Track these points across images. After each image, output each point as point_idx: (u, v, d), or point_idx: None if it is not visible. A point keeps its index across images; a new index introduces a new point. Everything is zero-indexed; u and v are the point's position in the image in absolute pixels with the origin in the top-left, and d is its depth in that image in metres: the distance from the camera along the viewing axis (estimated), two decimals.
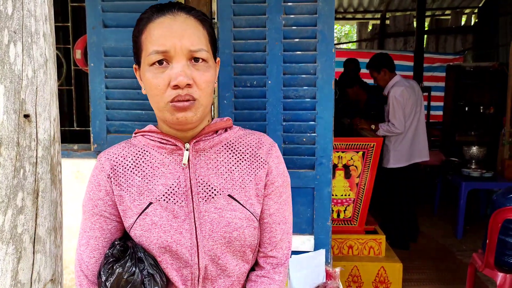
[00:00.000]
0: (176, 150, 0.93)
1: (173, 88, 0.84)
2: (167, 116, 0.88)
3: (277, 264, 1.00)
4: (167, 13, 0.87)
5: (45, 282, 0.64)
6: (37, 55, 0.61)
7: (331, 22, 1.95)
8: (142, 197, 0.90)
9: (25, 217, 0.59)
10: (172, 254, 0.88)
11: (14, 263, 0.59)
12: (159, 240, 0.87)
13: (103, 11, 1.98)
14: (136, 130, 0.99)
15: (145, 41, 0.88)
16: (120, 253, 0.86)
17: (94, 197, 0.92)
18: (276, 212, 0.99)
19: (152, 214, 0.89)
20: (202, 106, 0.89)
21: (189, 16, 0.89)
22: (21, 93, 0.59)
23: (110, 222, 0.93)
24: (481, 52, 7.85)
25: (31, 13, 0.60)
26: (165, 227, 0.88)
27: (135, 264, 0.83)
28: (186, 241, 0.88)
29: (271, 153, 0.99)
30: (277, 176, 0.99)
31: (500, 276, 2.37)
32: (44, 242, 0.63)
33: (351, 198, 3.08)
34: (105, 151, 0.97)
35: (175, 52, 0.85)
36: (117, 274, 0.82)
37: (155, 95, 0.87)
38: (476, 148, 4.37)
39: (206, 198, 0.91)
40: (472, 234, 4.26)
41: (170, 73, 0.85)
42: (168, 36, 0.85)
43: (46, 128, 0.62)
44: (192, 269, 0.89)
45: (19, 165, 0.58)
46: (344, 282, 2.98)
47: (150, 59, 0.86)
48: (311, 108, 1.98)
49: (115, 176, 0.92)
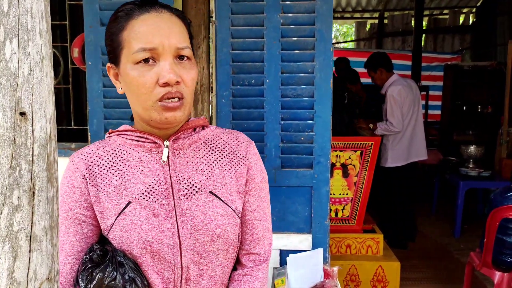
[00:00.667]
0: (155, 147, 0.92)
1: (162, 85, 0.83)
2: (154, 115, 0.86)
3: (259, 261, 1.00)
4: (151, 10, 0.86)
5: (42, 280, 0.63)
6: (33, 52, 0.61)
7: (329, 21, 1.95)
8: (120, 197, 0.88)
9: (21, 215, 0.59)
10: (154, 255, 0.86)
11: (10, 261, 0.59)
12: (139, 240, 0.85)
13: (100, 9, 1.98)
14: (110, 130, 0.97)
15: (128, 38, 0.85)
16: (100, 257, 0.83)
17: (68, 199, 0.89)
18: (257, 209, 0.99)
19: (132, 214, 0.87)
20: (188, 104, 0.88)
21: (172, 14, 0.88)
22: (17, 90, 0.59)
23: (85, 226, 0.90)
24: (479, 51, 7.86)
25: (27, 10, 0.59)
26: (146, 226, 0.86)
27: (115, 269, 0.81)
28: (168, 240, 0.86)
29: (250, 150, 0.99)
30: (257, 173, 0.99)
31: (497, 275, 2.38)
32: (40, 240, 0.62)
33: (349, 197, 3.08)
34: (78, 151, 0.94)
35: (163, 50, 0.84)
36: (98, 280, 0.79)
37: (142, 94, 0.85)
38: (474, 147, 4.38)
39: (187, 196, 0.90)
40: (470, 233, 4.27)
41: (158, 70, 0.83)
42: (155, 34, 0.83)
43: (43, 126, 0.62)
44: (174, 269, 0.88)
45: (15, 163, 0.58)
46: (342, 281, 2.98)
47: (136, 56, 0.84)
48: (309, 107, 1.98)
49: (90, 176, 0.89)
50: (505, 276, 2.35)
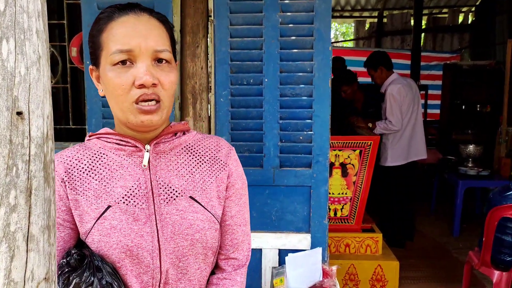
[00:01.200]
0: (136, 151, 0.91)
1: (138, 87, 0.83)
2: (131, 118, 0.85)
3: (238, 265, 1.01)
4: (130, 13, 0.86)
5: (39, 280, 0.63)
6: (30, 52, 0.61)
7: (328, 20, 1.94)
8: (100, 201, 0.87)
9: (18, 215, 0.59)
10: (133, 259, 0.86)
11: (7, 261, 0.58)
12: (119, 245, 0.85)
13: (98, 9, 1.97)
14: (90, 133, 0.96)
15: (106, 40, 0.85)
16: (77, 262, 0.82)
17: None
18: (237, 214, 0.99)
19: (111, 218, 0.86)
20: (166, 108, 0.87)
21: (151, 17, 0.88)
22: (14, 90, 0.59)
23: (63, 230, 0.89)
24: (478, 50, 7.86)
25: (24, 9, 0.59)
26: (125, 230, 0.86)
27: (93, 273, 0.80)
28: (148, 244, 0.86)
29: (230, 156, 0.99)
30: (237, 179, 0.99)
31: (496, 274, 2.38)
32: (37, 240, 0.62)
33: (348, 196, 3.08)
34: (58, 154, 0.92)
35: (139, 52, 0.83)
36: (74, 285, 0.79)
37: (118, 95, 0.84)
38: (473, 147, 4.38)
39: (167, 200, 0.90)
40: (468, 232, 4.28)
41: (135, 72, 0.83)
42: (132, 36, 0.83)
43: (39, 125, 0.62)
44: (153, 274, 0.87)
45: (11, 162, 0.58)
46: (341, 280, 2.99)
47: (113, 58, 0.84)
48: (307, 106, 1.98)
49: (69, 179, 0.89)
50: (503, 275, 2.35)
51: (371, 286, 3.01)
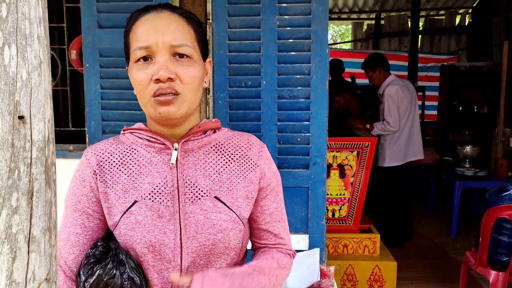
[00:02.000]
0: (165, 149, 0.93)
1: (155, 82, 0.85)
2: (151, 111, 0.88)
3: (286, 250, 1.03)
4: (152, 11, 0.89)
5: (40, 281, 0.65)
6: (32, 57, 0.62)
7: (325, 23, 1.96)
8: (128, 195, 0.89)
9: (20, 217, 0.60)
10: (155, 255, 0.88)
11: (9, 262, 0.60)
12: (142, 240, 0.87)
13: (98, 12, 1.99)
14: (125, 127, 0.98)
15: (131, 40, 0.89)
16: (102, 254, 0.85)
17: (77, 192, 0.91)
18: (275, 211, 1.00)
19: (137, 213, 0.88)
20: (187, 101, 0.88)
21: (173, 13, 0.90)
22: (16, 94, 0.60)
23: (92, 220, 0.92)
24: (475, 52, 7.90)
25: (25, 15, 0.61)
26: (149, 226, 0.87)
27: (116, 267, 0.82)
28: (170, 241, 0.88)
29: (262, 155, 0.99)
30: (271, 177, 1.00)
31: (493, 274, 2.40)
32: (38, 241, 0.64)
33: (346, 197, 3.10)
34: (92, 146, 0.95)
35: (157, 48, 0.85)
36: (97, 276, 0.81)
37: (139, 91, 0.88)
38: (470, 147, 4.40)
39: (192, 199, 0.91)
40: (466, 232, 4.30)
41: (153, 68, 0.86)
42: (151, 33, 0.86)
43: (41, 129, 0.63)
44: (174, 270, 0.89)
45: (13, 166, 0.59)
46: (339, 280, 3.00)
47: (134, 55, 0.87)
48: (305, 108, 2.00)
49: (100, 172, 0.91)
50: (500, 275, 2.37)
51: (369, 286, 3.03)
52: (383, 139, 3.82)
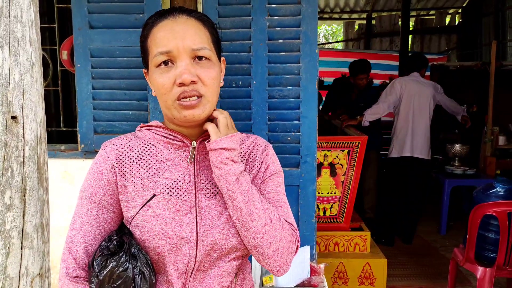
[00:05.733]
0: (183, 146, 0.97)
1: (178, 85, 0.88)
2: (175, 114, 0.91)
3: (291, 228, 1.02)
4: (169, 16, 0.92)
5: (33, 276, 0.67)
6: (24, 59, 0.64)
7: (314, 23, 1.99)
8: (146, 189, 0.93)
9: (13, 214, 0.62)
10: (172, 247, 0.91)
11: (3, 258, 0.62)
12: (160, 232, 0.90)
13: (89, 12, 2.00)
14: (142, 124, 1.01)
15: (150, 45, 0.93)
16: (116, 248, 0.88)
17: (94, 184, 0.93)
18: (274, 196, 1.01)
19: (155, 206, 0.91)
20: (209, 102, 0.92)
21: (190, 18, 0.93)
22: (9, 95, 0.62)
23: (106, 212, 0.94)
24: (465, 51, 7.98)
25: (18, 19, 0.63)
26: (167, 219, 0.91)
27: (129, 260, 0.86)
28: (187, 234, 0.91)
29: (266, 151, 1.04)
30: (275, 170, 1.04)
31: (480, 270, 2.43)
32: (31, 238, 0.66)
33: (337, 196, 3.13)
34: (111, 140, 0.98)
35: (178, 52, 0.89)
36: (110, 268, 0.84)
37: (162, 94, 0.91)
38: (459, 146, 4.46)
39: (208, 195, 0.95)
40: (455, 230, 4.35)
41: (175, 72, 0.89)
42: (170, 38, 0.89)
43: (33, 129, 0.65)
44: (188, 262, 0.92)
45: (7, 164, 0.61)
46: (330, 278, 3.03)
47: (156, 60, 0.90)
48: (295, 108, 2.03)
49: (120, 166, 0.94)
50: (487, 271, 2.41)
51: (360, 283, 3.07)
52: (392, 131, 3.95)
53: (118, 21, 2.01)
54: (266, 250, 0.93)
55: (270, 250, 0.93)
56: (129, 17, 2.00)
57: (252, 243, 0.93)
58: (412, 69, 3.93)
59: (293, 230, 1.01)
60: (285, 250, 0.96)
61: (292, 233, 0.99)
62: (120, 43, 2.01)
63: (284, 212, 1.02)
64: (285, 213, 1.02)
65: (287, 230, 0.97)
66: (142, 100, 2.05)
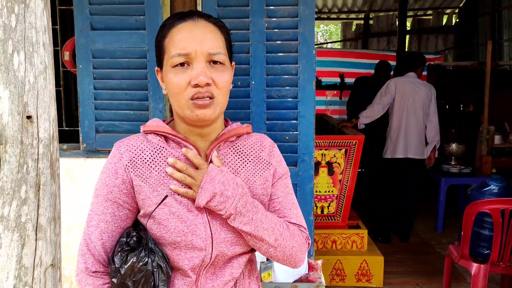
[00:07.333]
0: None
1: (193, 86, 0.93)
2: (187, 113, 0.95)
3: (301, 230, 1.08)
4: (188, 19, 0.96)
5: (46, 266, 0.71)
6: (38, 62, 0.68)
7: (312, 24, 2.04)
8: (160, 189, 0.96)
9: (28, 207, 0.66)
10: (187, 244, 0.95)
11: (19, 249, 0.66)
12: (175, 230, 0.94)
13: (90, 14, 2.04)
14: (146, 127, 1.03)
15: (168, 45, 0.96)
16: (136, 243, 0.92)
17: (109, 183, 0.97)
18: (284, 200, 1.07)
19: (170, 205, 0.96)
20: (220, 104, 0.97)
21: (208, 22, 0.98)
22: (24, 96, 0.66)
23: (122, 210, 0.98)
24: (461, 51, 8.04)
25: (32, 25, 0.67)
26: (182, 217, 0.95)
27: (147, 255, 0.91)
28: (201, 232, 0.96)
29: (273, 154, 1.08)
30: (281, 171, 1.09)
31: (474, 267, 2.48)
32: (45, 230, 0.70)
33: (335, 194, 3.17)
34: (123, 141, 1.01)
35: (195, 55, 0.93)
36: (131, 263, 0.89)
37: (176, 93, 0.95)
38: (455, 145, 4.51)
39: None
40: (451, 228, 4.40)
41: (191, 73, 0.93)
42: (189, 40, 0.94)
43: (46, 127, 0.69)
44: (204, 258, 0.97)
45: (22, 161, 0.66)
46: (328, 275, 3.08)
47: (173, 61, 0.94)
48: (293, 108, 2.07)
49: (133, 167, 0.97)
50: (481, 267, 2.46)
51: (357, 280, 3.12)
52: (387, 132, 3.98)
53: (119, 23, 2.05)
54: (280, 257, 1.02)
55: (284, 256, 1.02)
56: (130, 19, 2.04)
57: (267, 255, 1.01)
58: (409, 69, 3.95)
59: (303, 231, 1.08)
60: (298, 253, 1.04)
61: (302, 235, 1.06)
62: (121, 44, 2.05)
63: (294, 214, 1.08)
64: (294, 214, 1.08)
65: (297, 235, 1.04)
66: (143, 100, 2.09)
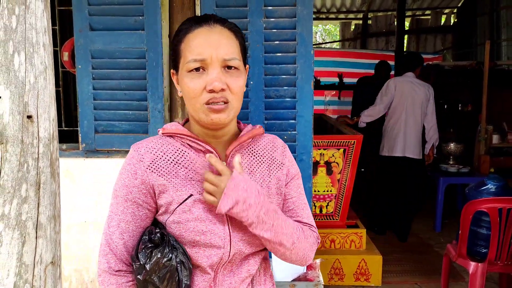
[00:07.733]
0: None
1: (208, 91, 0.95)
2: (202, 116, 0.97)
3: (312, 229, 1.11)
4: (204, 25, 0.98)
5: (46, 264, 0.72)
6: (38, 63, 0.69)
7: (310, 25, 2.05)
8: (185, 189, 0.99)
9: (29, 206, 0.67)
10: (206, 242, 0.97)
11: (19, 246, 0.67)
12: (195, 229, 0.97)
13: (89, 15, 2.05)
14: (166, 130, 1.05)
15: (184, 50, 0.98)
16: (159, 240, 0.94)
17: (129, 184, 0.98)
18: (297, 200, 1.11)
19: (191, 205, 0.98)
20: (234, 108, 0.99)
21: (224, 28, 0.99)
22: (24, 96, 0.67)
23: (141, 209, 1.00)
24: (460, 51, 8.06)
25: (32, 26, 0.68)
26: (202, 217, 0.97)
27: (171, 251, 0.93)
28: (220, 231, 0.98)
29: (285, 154, 1.12)
30: (294, 173, 1.12)
31: (472, 266, 2.49)
32: (45, 228, 0.71)
33: (333, 193, 3.19)
34: (141, 143, 1.03)
35: (211, 60, 0.95)
36: (156, 259, 0.91)
37: (191, 98, 0.97)
38: (454, 145, 4.53)
39: None
40: (449, 227, 4.42)
41: (207, 78, 0.95)
42: (205, 46, 0.95)
43: (46, 127, 0.70)
44: (222, 256, 0.99)
45: (23, 160, 0.66)
46: (326, 274, 3.09)
47: (188, 66, 0.96)
48: (291, 107, 2.08)
49: (156, 167, 0.99)
50: (479, 266, 2.47)
51: (356, 279, 3.13)
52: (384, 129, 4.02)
53: (118, 23, 2.06)
54: (294, 259, 1.07)
55: (297, 257, 1.07)
56: (129, 19, 2.05)
57: (282, 257, 1.06)
58: (407, 69, 3.98)
59: (314, 230, 1.12)
60: (309, 252, 1.09)
61: (313, 234, 1.11)
62: (120, 45, 2.06)
63: (306, 214, 1.12)
64: (306, 214, 1.12)
65: (309, 236, 1.08)
66: (142, 100, 2.10)
